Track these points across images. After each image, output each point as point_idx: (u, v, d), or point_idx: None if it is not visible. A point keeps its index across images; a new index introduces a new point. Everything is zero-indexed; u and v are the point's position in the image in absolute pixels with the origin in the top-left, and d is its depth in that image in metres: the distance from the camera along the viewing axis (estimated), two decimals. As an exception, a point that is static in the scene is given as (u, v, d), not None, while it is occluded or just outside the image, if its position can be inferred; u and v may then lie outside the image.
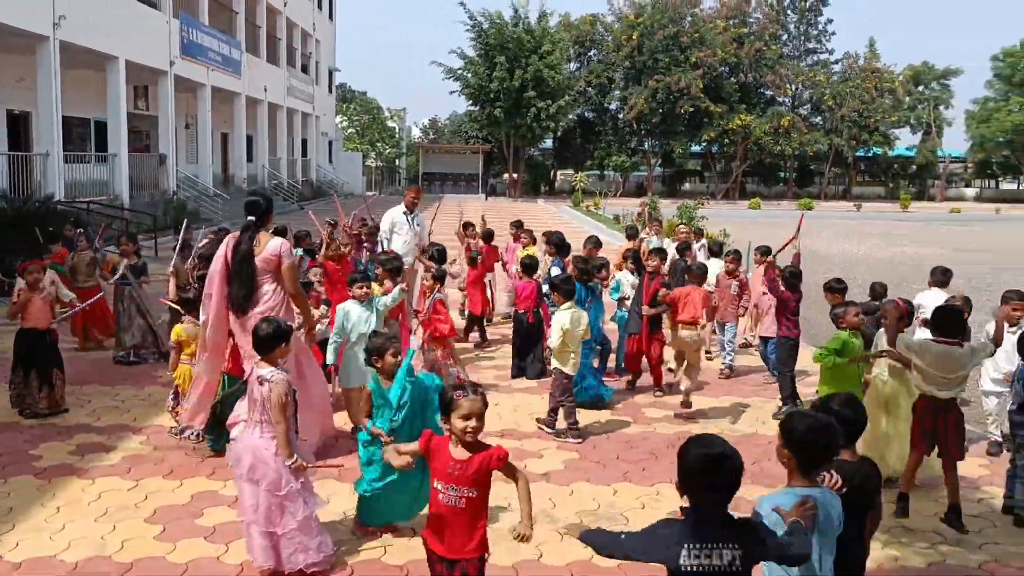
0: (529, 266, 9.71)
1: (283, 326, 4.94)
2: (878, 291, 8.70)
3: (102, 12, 22.19)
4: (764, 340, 9.46)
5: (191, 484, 6.09)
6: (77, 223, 13.85)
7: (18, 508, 5.62)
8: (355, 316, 6.92)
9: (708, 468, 2.89)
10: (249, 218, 6.35)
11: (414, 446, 4.01)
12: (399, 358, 5.17)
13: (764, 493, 3.46)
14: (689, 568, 2.86)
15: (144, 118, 29.85)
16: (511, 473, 3.89)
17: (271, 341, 4.80)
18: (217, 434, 6.46)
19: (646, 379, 9.06)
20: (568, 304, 7.43)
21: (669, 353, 8.83)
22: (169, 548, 5.10)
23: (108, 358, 9.67)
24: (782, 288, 8.14)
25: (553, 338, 7.31)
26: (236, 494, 5.15)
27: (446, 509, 3.80)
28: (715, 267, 10.43)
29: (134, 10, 24.70)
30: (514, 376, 9.30)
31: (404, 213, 10.91)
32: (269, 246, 6.30)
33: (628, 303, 9.32)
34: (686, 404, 8.07)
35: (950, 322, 5.79)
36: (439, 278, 8.50)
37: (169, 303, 8.03)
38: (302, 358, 6.54)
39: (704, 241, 13.25)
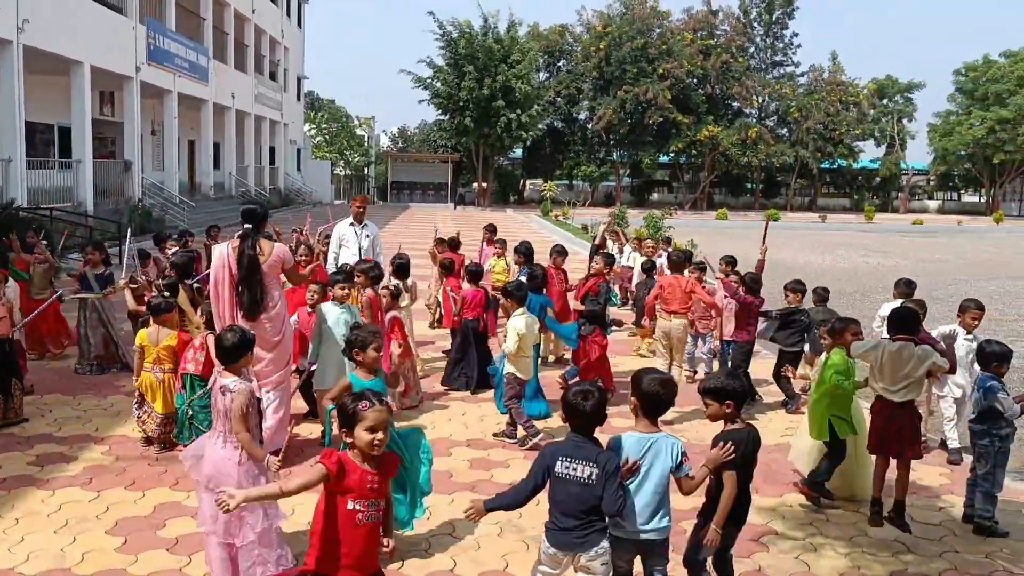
0: (475, 273, 9.50)
1: (248, 335, 4.88)
2: (821, 294, 9.25)
3: (67, 16, 21.90)
4: (726, 344, 9.60)
5: (153, 495, 6.02)
6: (40, 230, 13.62)
7: (-25, 520, 5.52)
8: (331, 319, 6.96)
9: (578, 399, 3.87)
10: (247, 226, 6.47)
11: (318, 471, 3.51)
12: (380, 353, 5.14)
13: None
14: (560, 474, 3.85)
15: (109, 124, 29.51)
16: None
17: (237, 350, 4.74)
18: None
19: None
20: (521, 310, 7.50)
21: (635, 362, 8.88)
22: (131, 560, 5.04)
23: (69, 367, 9.51)
24: (743, 293, 8.60)
25: (510, 343, 7.34)
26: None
27: (366, 528, 3.56)
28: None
29: (100, 15, 24.38)
30: (461, 389, 8.95)
31: (351, 225, 10.41)
32: (274, 252, 6.51)
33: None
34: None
35: (905, 319, 6.03)
36: (396, 296, 8.45)
37: (139, 310, 7.97)
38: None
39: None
